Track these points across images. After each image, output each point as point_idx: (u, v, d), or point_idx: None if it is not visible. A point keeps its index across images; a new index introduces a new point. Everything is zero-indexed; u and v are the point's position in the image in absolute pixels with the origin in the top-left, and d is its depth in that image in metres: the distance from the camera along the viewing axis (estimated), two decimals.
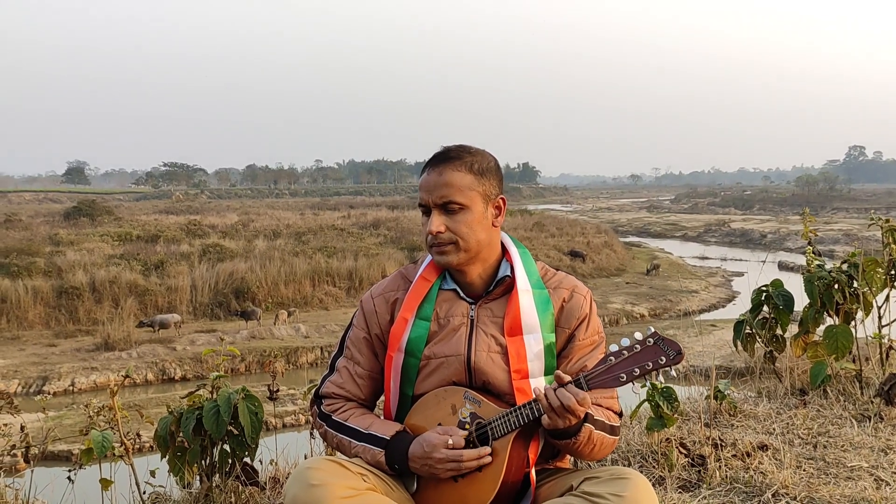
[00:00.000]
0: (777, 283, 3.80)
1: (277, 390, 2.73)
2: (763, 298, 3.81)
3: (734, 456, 2.79)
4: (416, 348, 1.98)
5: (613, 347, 1.82)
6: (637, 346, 1.80)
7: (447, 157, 1.96)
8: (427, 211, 1.97)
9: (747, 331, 3.82)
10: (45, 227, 35.88)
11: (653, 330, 1.81)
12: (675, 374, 1.80)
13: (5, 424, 2.41)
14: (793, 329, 3.83)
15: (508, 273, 2.01)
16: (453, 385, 1.95)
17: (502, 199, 2.02)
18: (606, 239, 36.78)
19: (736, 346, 3.86)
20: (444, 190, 1.93)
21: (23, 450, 2.37)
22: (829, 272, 3.67)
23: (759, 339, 3.82)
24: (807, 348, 3.70)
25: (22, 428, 2.36)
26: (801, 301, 3.78)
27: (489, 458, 1.85)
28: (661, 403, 2.74)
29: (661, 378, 1.79)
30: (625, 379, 1.78)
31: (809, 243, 3.89)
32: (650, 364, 1.77)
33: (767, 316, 3.81)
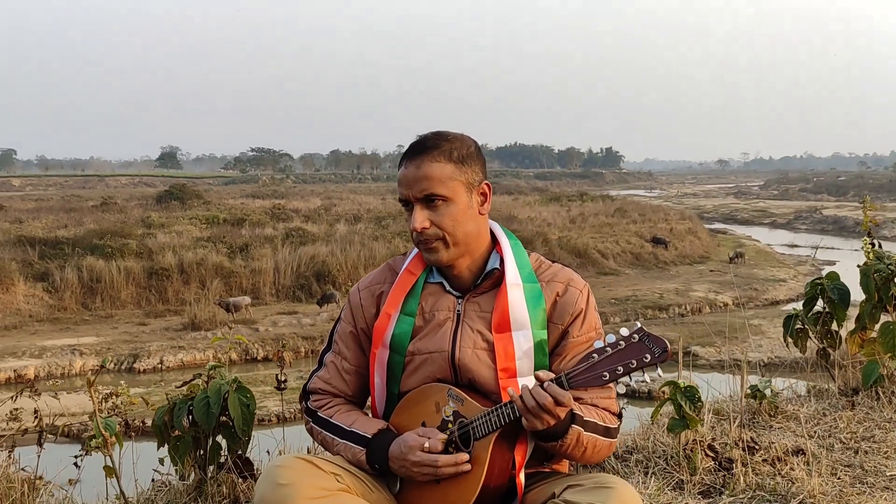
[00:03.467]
0: (833, 276, 3.57)
1: (285, 380, 2.71)
2: (818, 292, 3.59)
3: (765, 460, 2.63)
4: (401, 344, 1.91)
5: (598, 344, 1.72)
6: (621, 342, 1.69)
7: (424, 148, 1.86)
8: (408, 206, 1.88)
9: (798, 326, 3.60)
10: (138, 210, 37.20)
11: (639, 325, 1.70)
12: (660, 373, 1.69)
13: (15, 409, 2.47)
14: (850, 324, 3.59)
15: (497, 265, 1.91)
16: (438, 382, 1.88)
17: (487, 184, 1.92)
18: (690, 225, 35.74)
19: (786, 342, 3.65)
20: (423, 183, 1.84)
21: (36, 433, 2.43)
22: (888, 265, 3.43)
23: (812, 335, 3.60)
24: (863, 346, 3.48)
25: (36, 412, 2.41)
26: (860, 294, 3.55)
27: (468, 466, 1.77)
28: (682, 403, 2.59)
29: (646, 377, 1.68)
30: (608, 378, 1.68)
31: (868, 233, 3.64)
32: (634, 362, 1.67)
33: (822, 310, 3.58)
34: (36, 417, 2.44)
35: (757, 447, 2.71)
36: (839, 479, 2.55)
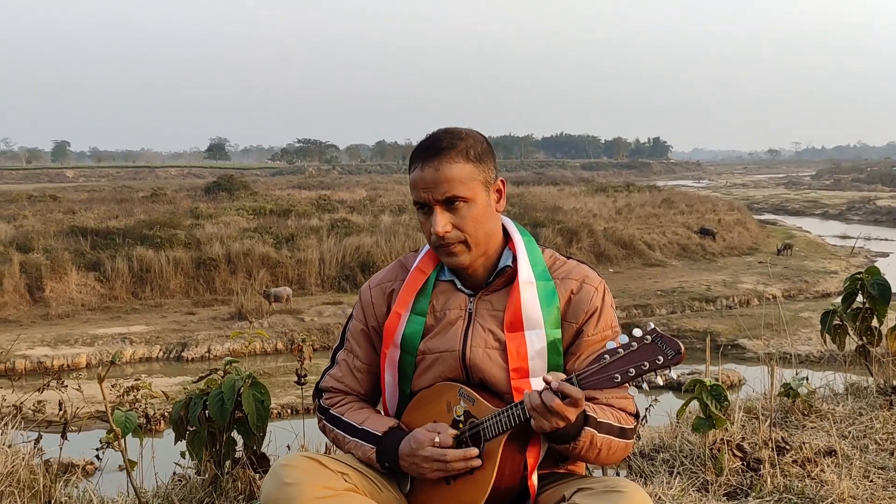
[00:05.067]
0: (873, 270, 3.46)
1: (305, 375, 2.72)
2: (857, 287, 3.48)
3: (795, 461, 2.55)
4: (412, 344, 1.88)
5: (610, 345, 1.68)
6: (634, 343, 1.64)
7: (440, 148, 1.81)
8: (425, 209, 1.84)
9: (836, 322, 3.49)
10: (187, 201, 37.72)
11: (652, 326, 1.66)
12: (674, 376, 1.64)
13: (39, 402, 2.51)
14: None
15: (510, 263, 1.87)
16: (449, 381, 1.85)
17: (502, 181, 1.89)
18: (739, 216, 35.07)
19: (824, 338, 3.54)
20: (445, 186, 1.79)
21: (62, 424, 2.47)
22: None
23: (851, 332, 3.50)
24: None
25: (60, 404, 2.46)
26: None
27: (478, 461, 1.74)
28: (708, 402, 2.52)
29: (658, 380, 1.64)
30: (619, 380, 1.64)
31: None
32: (646, 364, 1.62)
33: (861, 306, 3.47)
34: (61, 409, 2.48)
35: (787, 447, 2.64)
36: (871, 482, 2.47)
